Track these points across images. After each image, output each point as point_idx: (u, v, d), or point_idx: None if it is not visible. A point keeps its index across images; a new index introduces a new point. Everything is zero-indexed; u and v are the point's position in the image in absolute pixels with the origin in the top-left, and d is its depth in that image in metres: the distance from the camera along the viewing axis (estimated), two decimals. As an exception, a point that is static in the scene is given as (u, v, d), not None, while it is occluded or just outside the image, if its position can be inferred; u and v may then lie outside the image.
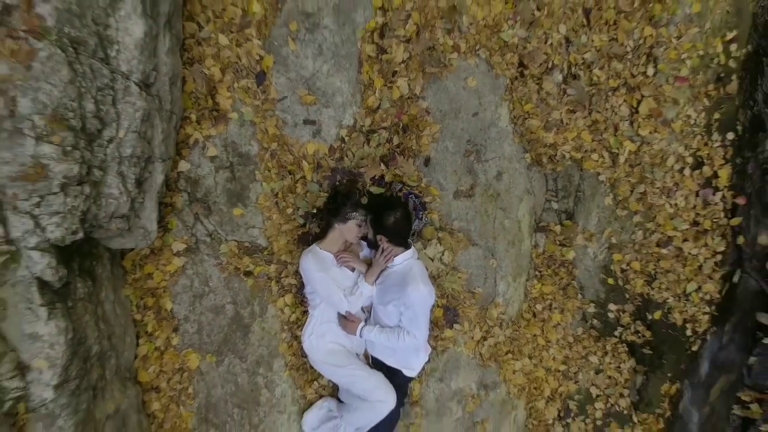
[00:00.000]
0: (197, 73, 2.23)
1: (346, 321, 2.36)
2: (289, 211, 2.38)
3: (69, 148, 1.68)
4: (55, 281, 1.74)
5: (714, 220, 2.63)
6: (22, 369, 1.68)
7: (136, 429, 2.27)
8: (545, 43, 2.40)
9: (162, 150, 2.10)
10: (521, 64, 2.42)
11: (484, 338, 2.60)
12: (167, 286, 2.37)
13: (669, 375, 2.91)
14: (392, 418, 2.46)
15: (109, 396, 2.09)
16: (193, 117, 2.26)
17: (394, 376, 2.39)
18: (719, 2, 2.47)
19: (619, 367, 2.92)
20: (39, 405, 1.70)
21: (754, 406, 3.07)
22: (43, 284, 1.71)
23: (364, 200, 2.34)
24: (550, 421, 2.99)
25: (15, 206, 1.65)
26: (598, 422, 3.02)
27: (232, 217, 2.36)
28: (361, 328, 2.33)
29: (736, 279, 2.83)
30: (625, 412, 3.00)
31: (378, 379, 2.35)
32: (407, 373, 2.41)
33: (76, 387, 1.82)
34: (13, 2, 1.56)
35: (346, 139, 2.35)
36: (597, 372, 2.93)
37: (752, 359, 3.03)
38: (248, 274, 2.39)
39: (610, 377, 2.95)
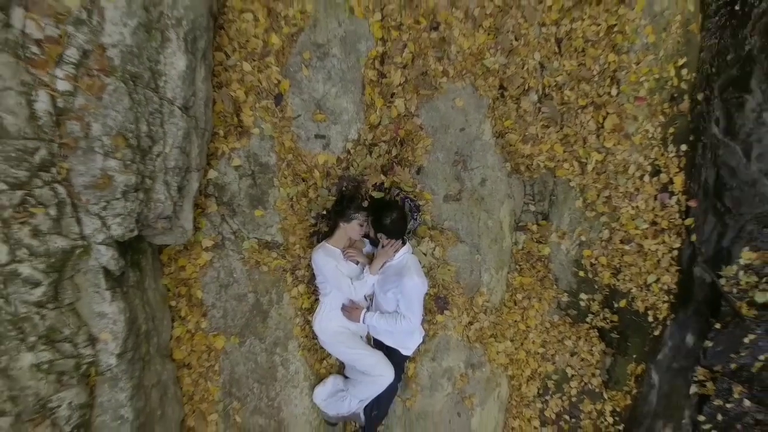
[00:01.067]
0: (225, 96, 2.64)
1: (350, 309, 2.76)
2: (303, 212, 2.80)
3: (128, 162, 2.09)
4: (116, 270, 2.14)
5: (670, 221, 3.05)
6: (92, 340, 2.08)
7: (173, 399, 2.67)
8: (522, 68, 2.81)
9: (197, 161, 2.51)
10: (501, 87, 2.82)
11: (471, 323, 3.01)
12: (197, 277, 2.77)
13: (634, 356, 3.33)
14: (391, 391, 2.86)
15: (153, 368, 2.49)
16: (221, 132, 2.66)
17: (392, 354, 2.79)
18: (671, 34, 2.89)
19: (591, 349, 3.33)
20: (105, 369, 2.10)
21: (709, 384, 3.49)
22: (107, 272, 2.11)
23: (365, 203, 2.75)
24: (531, 398, 3.41)
25: (87, 209, 2.05)
26: (573, 399, 3.43)
27: (253, 217, 2.76)
28: (364, 315, 2.73)
29: (697, 273, 3.26)
30: (597, 389, 3.41)
31: (379, 357, 2.75)
32: (404, 352, 2.81)
33: (132, 357, 2.22)
34: (89, 48, 1.97)
35: (352, 151, 2.75)
36: (572, 354, 3.34)
37: (707, 343, 3.45)
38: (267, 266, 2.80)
39: (583, 359, 3.36)
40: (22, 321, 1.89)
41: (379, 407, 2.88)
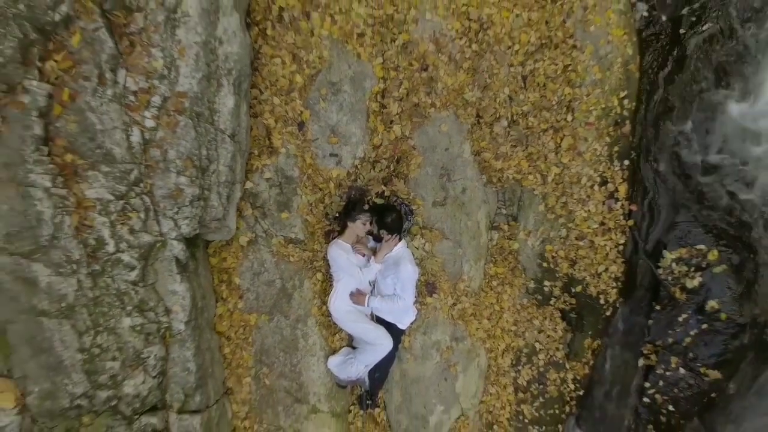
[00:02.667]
0: (259, 123, 3.34)
1: (356, 296, 3.45)
2: (320, 215, 3.50)
3: (194, 178, 2.79)
4: (183, 259, 2.84)
5: (616, 222, 3.76)
6: (167, 311, 2.78)
7: (218, 362, 3.37)
8: (494, 100, 3.52)
9: (240, 176, 3.21)
10: (478, 115, 3.53)
11: (455, 304, 3.72)
12: (236, 267, 3.47)
13: (590, 333, 4.04)
14: (390, 357, 3.57)
15: (205, 337, 3.19)
16: (256, 152, 3.36)
17: (391, 328, 3.49)
18: (614, 72, 3.60)
19: (555, 327, 4.04)
20: (176, 333, 2.81)
21: (653, 356, 4.22)
22: (177, 261, 2.81)
23: (366, 206, 3.45)
24: (506, 368, 4.12)
25: (164, 213, 2.75)
26: (541, 369, 4.14)
27: (280, 219, 3.45)
28: (368, 299, 3.43)
29: (639, 264, 3.98)
30: (560, 361, 4.12)
31: (380, 330, 3.45)
32: (400, 326, 3.52)
33: (194, 325, 2.92)
34: (168, 95, 2.67)
35: (359, 166, 3.46)
36: (539, 331, 4.05)
37: (650, 322, 4.18)
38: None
39: (548, 335, 4.07)
40: (123, 295, 2.59)
41: (380, 371, 3.59)
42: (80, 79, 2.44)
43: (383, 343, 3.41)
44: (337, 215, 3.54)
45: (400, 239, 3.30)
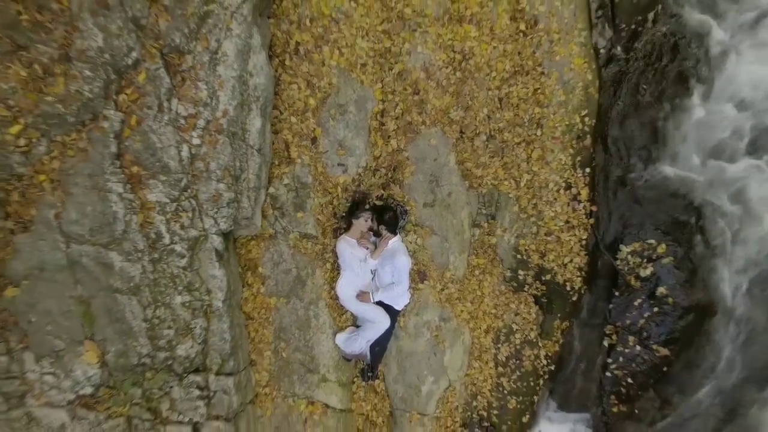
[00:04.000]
0: (279, 139, 4.00)
1: (362, 296, 4.07)
2: (329, 214, 4.16)
3: (230, 185, 3.45)
4: (221, 250, 3.50)
5: (579, 220, 4.42)
6: (208, 291, 3.45)
7: (245, 338, 4.02)
8: (475, 118, 4.18)
9: (264, 182, 3.87)
10: (461, 131, 4.18)
11: (442, 290, 4.37)
12: (259, 257, 4.13)
13: (559, 316, 4.70)
14: (388, 334, 4.23)
15: (236, 315, 3.85)
16: (276, 162, 4.02)
17: (388, 309, 4.15)
18: (577, 94, 4.26)
19: (529, 311, 4.69)
20: (215, 309, 3.47)
21: (614, 336, 4.88)
22: (216, 251, 3.47)
23: (368, 207, 4.10)
24: (487, 345, 4.78)
25: (207, 213, 3.42)
26: (518, 346, 4.80)
27: (296, 218, 4.11)
28: (372, 295, 4.06)
29: (600, 256, 4.65)
30: (534, 340, 4.78)
31: (379, 310, 4.10)
32: (397, 307, 4.16)
33: (229, 304, 3.59)
34: (210, 118, 3.33)
35: (362, 174, 4.12)
36: (515, 314, 4.70)
37: (610, 306, 4.84)
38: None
39: (523, 318, 4.72)
40: (175, 277, 3.26)
41: (380, 345, 4.25)
42: (144, 107, 3.10)
43: (382, 321, 4.08)
44: (344, 214, 4.20)
45: (396, 234, 3.96)
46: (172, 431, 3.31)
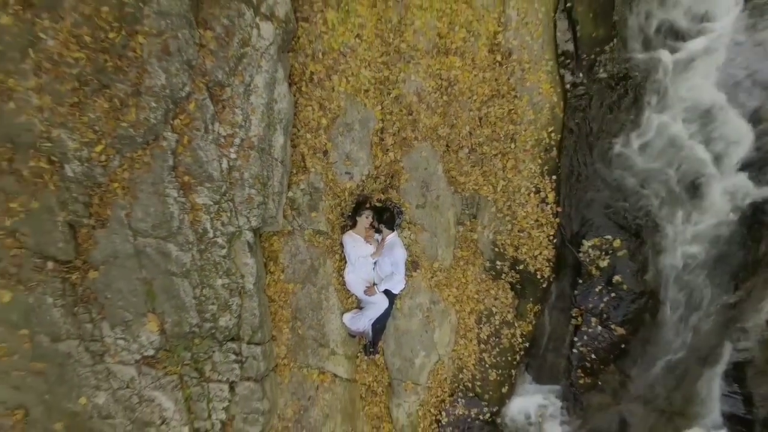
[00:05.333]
0: (297, 152, 4.78)
1: (368, 290, 4.86)
2: (338, 214, 4.95)
3: (260, 190, 4.24)
4: (252, 243, 4.28)
5: (547, 219, 5.20)
6: (242, 276, 4.23)
7: (268, 316, 4.81)
8: (459, 134, 4.96)
9: (284, 188, 4.66)
10: (447, 145, 4.97)
11: (432, 277, 5.16)
12: (280, 250, 4.91)
13: (531, 300, 5.49)
14: (387, 313, 5.00)
15: (262, 296, 4.63)
16: (294, 171, 4.80)
17: (387, 293, 4.94)
18: (544, 113, 5.05)
19: (506, 296, 5.48)
20: (247, 291, 4.25)
21: (579, 318, 5.66)
22: (248, 244, 4.24)
23: (370, 208, 4.89)
24: (471, 326, 5.57)
25: (241, 213, 4.21)
26: (497, 326, 5.58)
27: (310, 217, 4.89)
28: (377, 288, 4.84)
29: (565, 250, 5.43)
30: (511, 320, 5.56)
31: (380, 294, 4.90)
32: (394, 291, 4.93)
33: (257, 287, 4.36)
34: (244, 137, 4.12)
35: (365, 180, 4.90)
36: (494, 299, 5.49)
37: (575, 292, 5.62)
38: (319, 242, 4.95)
39: (501, 302, 5.50)
40: (217, 264, 4.04)
41: (380, 323, 5.03)
42: (194, 129, 3.89)
43: (382, 303, 4.87)
44: (350, 214, 4.99)
45: (393, 230, 4.75)
46: (214, 388, 4.11)
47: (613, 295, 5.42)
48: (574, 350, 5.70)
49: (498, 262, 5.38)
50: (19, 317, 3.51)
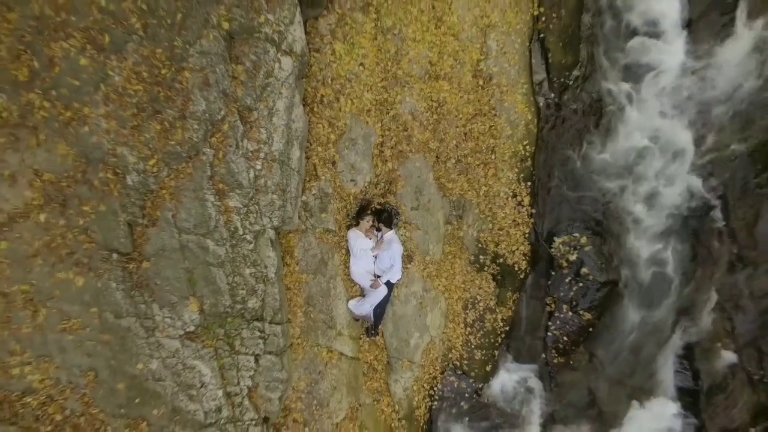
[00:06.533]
0: (310, 162, 5.56)
1: (374, 282, 5.65)
2: (344, 215, 5.73)
3: (280, 195, 5.02)
4: (273, 239, 5.06)
5: (523, 219, 5.97)
6: (265, 266, 5.00)
7: (285, 302, 5.58)
8: (447, 147, 5.74)
9: (300, 193, 5.44)
10: (437, 156, 5.74)
11: (424, 269, 5.93)
12: (295, 245, 5.68)
13: (511, 289, 6.26)
14: (386, 300, 5.78)
15: (280, 284, 5.41)
16: (307, 178, 5.58)
17: (386, 282, 5.73)
18: (520, 129, 5.83)
19: (489, 286, 6.25)
20: (270, 279, 5.01)
21: (552, 305, 6.44)
22: (271, 240, 5.01)
23: (371, 209, 5.68)
24: (459, 311, 6.34)
25: (265, 214, 4.97)
26: (481, 312, 6.35)
27: (320, 217, 5.66)
28: (381, 281, 5.63)
29: (539, 246, 6.22)
30: (493, 307, 6.34)
31: (382, 284, 5.68)
32: (392, 281, 5.70)
33: (278, 276, 5.13)
34: (267, 152, 4.91)
35: (367, 186, 5.68)
36: (479, 288, 6.26)
37: (549, 282, 6.40)
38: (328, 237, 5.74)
39: (485, 291, 6.27)
40: (245, 257, 4.81)
41: (380, 308, 5.81)
42: (228, 146, 4.67)
43: (382, 291, 5.65)
44: (354, 214, 5.77)
45: (391, 229, 5.54)
46: (242, 359, 4.88)
47: (581, 284, 6.20)
48: (549, 333, 6.47)
49: (481, 257, 6.16)
50: (90, 298, 4.29)
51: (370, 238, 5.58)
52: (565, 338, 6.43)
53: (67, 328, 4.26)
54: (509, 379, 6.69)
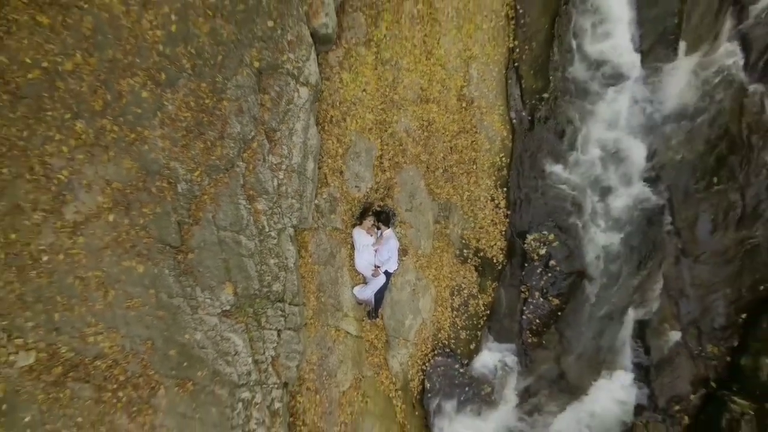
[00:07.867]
0: (321, 172, 6.53)
1: (375, 270, 6.63)
2: (349, 215, 6.71)
3: (297, 200, 6.01)
4: (292, 235, 6.05)
5: (500, 220, 6.95)
6: (286, 258, 5.98)
7: (301, 287, 6.57)
8: (436, 159, 6.72)
9: (313, 197, 6.43)
10: (427, 167, 6.72)
11: (417, 261, 6.89)
12: (309, 240, 6.66)
13: (491, 278, 7.24)
14: (385, 287, 6.72)
15: (297, 273, 6.38)
16: (319, 185, 6.56)
17: (385, 272, 6.71)
18: (497, 144, 6.80)
19: (472, 275, 7.22)
20: (289, 268, 6.00)
21: (526, 292, 7.41)
22: (290, 236, 6.00)
23: (372, 211, 6.66)
24: (446, 297, 7.32)
25: (286, 215, 5.97)
26: (465, 298, 7.33)
27: (330, 218, 6.64)
28: (381, 270, 6.61)
29: (515, 242, 7.20)
30: (476, 294, 7.30)
31: (381, 273, 6.66)
32: (390, 270, 6.68)
33: (296, 266, 6.12)
34: (288, 164, 5.91)
35: (368, 192, 6.67)
36: (463, 278, 7.21)
37: (523, 272, 7.37)
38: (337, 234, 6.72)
39: (469, 280, 7.24)
40: (270, 249, 5.80)
41: (380, 294, 6.78)
42: (257, 160, 5.66)
43: (381, 278, 6.64)
44: (358, 215, 6.76)
45: (389, 227, 6.53)
46: (267, 333, 5.87)
47: (550, 274, 7.17)
48: (524, 317, 7.44)
49: (465, 251, 7.15)
50: (148, 282, 5.27)
51: (372, 235, 6.56)
52: (537, 321, 7.38)
53: (130, 305, 5.25)
54: (490, 356, 7.65)
